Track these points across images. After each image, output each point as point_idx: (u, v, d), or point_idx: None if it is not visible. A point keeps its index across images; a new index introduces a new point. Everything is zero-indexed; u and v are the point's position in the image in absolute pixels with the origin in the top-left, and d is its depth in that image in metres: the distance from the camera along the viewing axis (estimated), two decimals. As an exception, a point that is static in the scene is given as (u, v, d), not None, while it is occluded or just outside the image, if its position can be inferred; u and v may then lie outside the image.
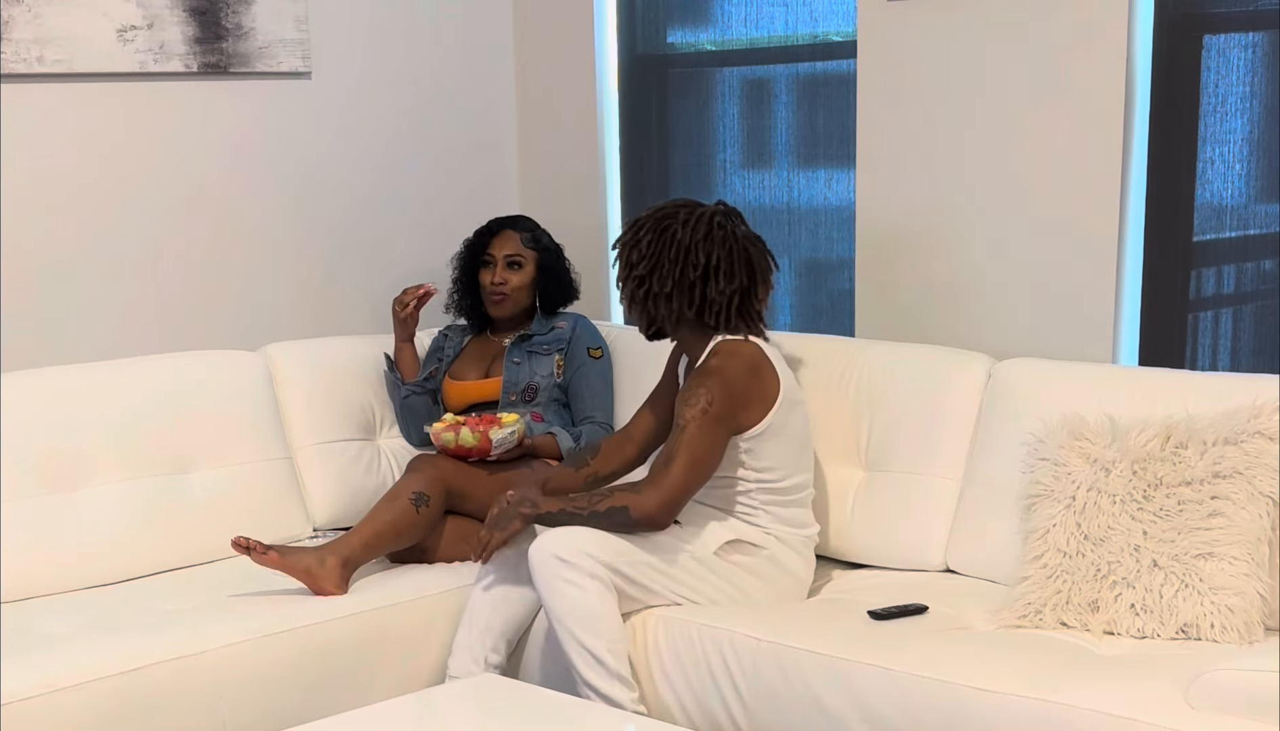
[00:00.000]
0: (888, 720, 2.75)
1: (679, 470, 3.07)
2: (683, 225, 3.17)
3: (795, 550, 3.25)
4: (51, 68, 3.61)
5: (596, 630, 3.00)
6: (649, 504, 3.05)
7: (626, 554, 3.06)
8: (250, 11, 3.91)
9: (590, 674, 2.99)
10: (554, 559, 3.00)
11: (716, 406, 3.08)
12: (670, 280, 3.16)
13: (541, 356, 3.86)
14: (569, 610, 3.00)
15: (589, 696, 3.00)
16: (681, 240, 3.16)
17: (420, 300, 3.89)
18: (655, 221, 3.21)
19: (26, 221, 3.64)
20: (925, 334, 3.63)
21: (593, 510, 3.07)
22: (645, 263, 3.18)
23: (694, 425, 3.08)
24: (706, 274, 3.16)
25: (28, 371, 3.49)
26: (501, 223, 4.00)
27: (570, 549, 3.00)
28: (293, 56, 4.01)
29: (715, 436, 3.10)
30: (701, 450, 3.08)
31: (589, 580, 3.00)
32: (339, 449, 3.82)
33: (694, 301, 3.17)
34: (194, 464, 3.60)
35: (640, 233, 3.21)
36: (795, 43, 4.02)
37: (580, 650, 2.99)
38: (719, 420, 3.10)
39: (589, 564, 3.00)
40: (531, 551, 3.04)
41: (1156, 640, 2.84)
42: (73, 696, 2.82)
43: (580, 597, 2.99)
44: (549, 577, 3.01)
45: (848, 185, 3.91)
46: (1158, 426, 2.96)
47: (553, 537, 3.03)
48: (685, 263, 3.16)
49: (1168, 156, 3.35)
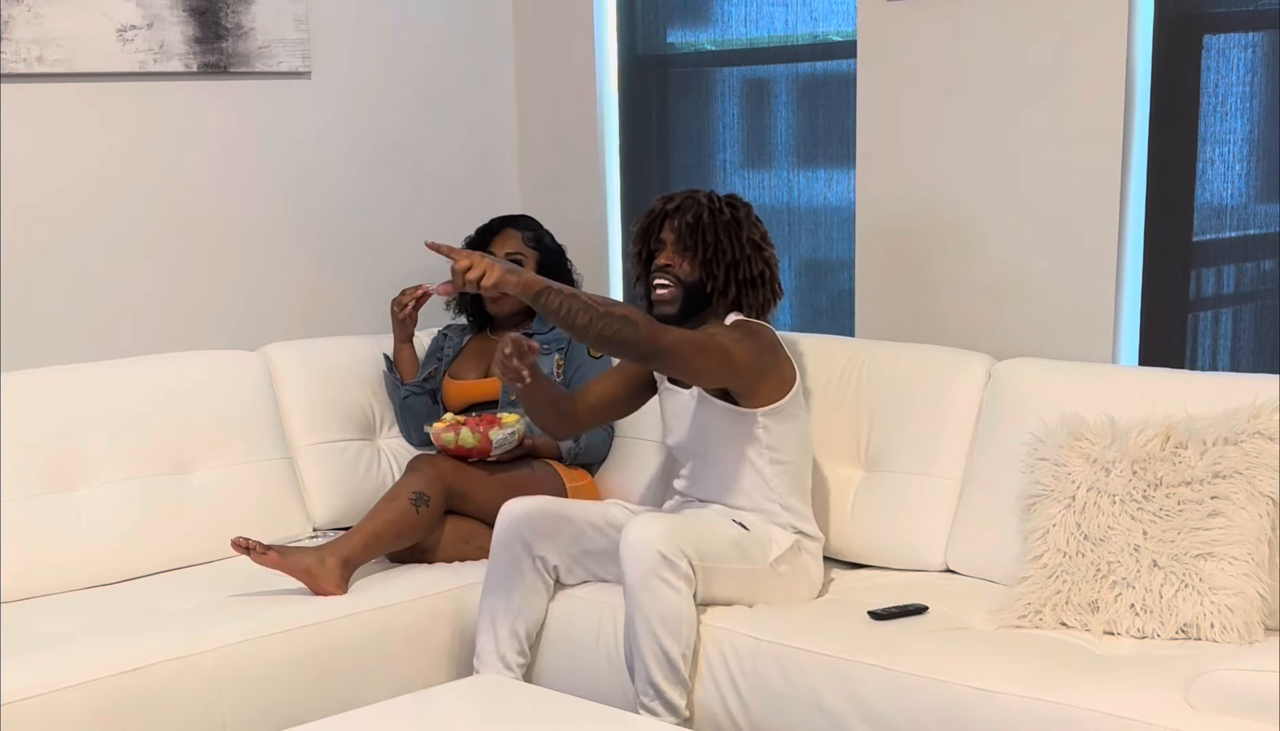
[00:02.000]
0: (888, 720, 2.75)
1: (692, 334, 3.01)
2: (744, 218, 3.23)
3: (813, 557, 3.26)
4: (51, 68, 3.61)
5: (679, 634, 2.94)
6: (660, 340, 2.91)
7: (713, 559, 3.02)
8: (250, 11, 3.91)
9: (659, 675, 2.94)
10: (657, 554, 2.91)
11: (742, 348, 3.08)
12: (752, 266, 3.20)
13: (542, 356, 3.86)
14: (661, 611, 2.92)
15: (648, 695, 2.95)
16: (751, 231, 3.21)
17: (418, 301, 3.89)
18: (721, 201, 3.22)
19: (26, 221, 3.64)
20: (925, 334, 3.63)
21: (607, 310, 2.86)
22: (744, 248, 3.19)
23: (721, 335, 3.08)
24: (770, 264, 3.24)
25: (28, 371, 3.49)
26: (503, 221, 4.00)
27: (673, 546, 2.93)
28: (293, 56, 4.01)
29: (735, 348, 3.07)
30: (717, 345, 3.04)
31: (683, 583, 2.94)
32: (339, 449, 3.82)
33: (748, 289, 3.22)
34: (194, 464, 3.61)
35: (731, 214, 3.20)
36: (795, 43, 4.02)
37: (658, 651, 2.93)
38: (747, 352, 3.09)
39: (686, 566, 2.95)
40: (629, 536, 2.95)
41: (1156, 640, 2.84)
42: (73, 696, 2.82)
43: (676, 600, 2.93)
44: (647, 573, 2.92)
45: (848, 185, 3.91)
46: (1158, 426, 2.96)
47: (654, 529, 2.94)
48: (759, 253, 3.22)
49: (1168, 156, 3.35)
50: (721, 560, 3.05)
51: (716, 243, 3.17)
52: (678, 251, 3.17)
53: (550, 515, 3.22)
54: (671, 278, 3.20)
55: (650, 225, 3.24)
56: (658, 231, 3.23)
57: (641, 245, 3.27)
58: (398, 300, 3.90)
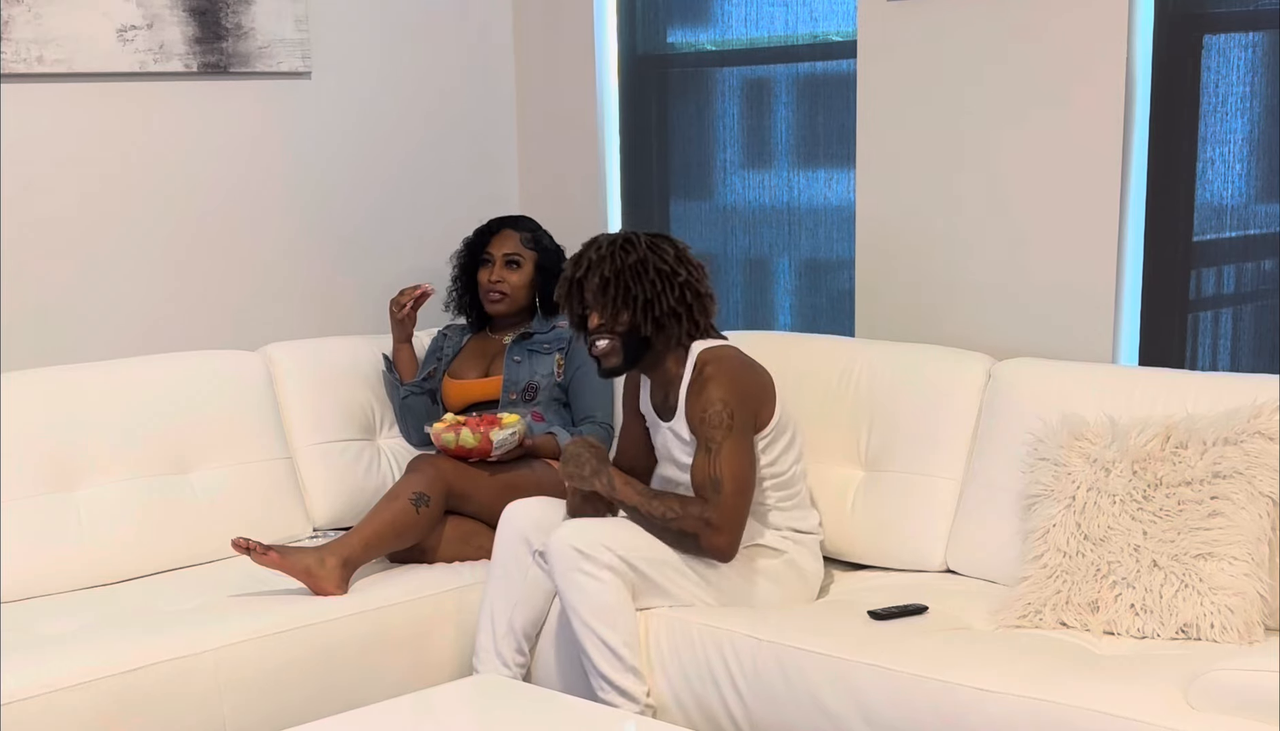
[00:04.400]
0: (888, 720, 2.75)
1: (731, 497, 3.05)
2: (648, 248, 3.14)
3: (809, 551, 3.26)
4: (51, 68, 3.61)
5: (612, 623, 3.00)
6: (719, 542, 3.05)
7: (643, 550, 3.07)
8: (250, 11, 3.91)
9: (605, 666, 3.00)
10: (572, 550, 3.00)
11: (739, 415, 3.08)
12: (667, 298, 3.13)
13: (542, 355, 3.86)
14: (585, 602, 3.00)
15: (602, 688, 3.00)
16: (658, 260, 3.14)
17: (417, 301, 3.89)
18: (617, 247, 3.15)
19: (26, 221, 3.64)
20: (925, 334, 3.63)
21: (665, 526, 3.07)
22: (654, 283, 3.13)
23: (727, 443, 3.06)
24: (689, 284, 3.15)
25: (28, 371, 3.49)
26: (502, 222, 4.00)
27: (588, 541, 3.01)
28: (293, 56, 4.01)
29: (748, 444, 3.10)
30: (743, 464, 3.08)
31: (605, 572, 3.00)
32: (339, 449, 3.82)
33: (672, 320, 3.15)
34: (194, 464, 3.61)
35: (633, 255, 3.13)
36: (795, 43, 4.02)
37: (596, 642, 3.00)
38: (745, 427, 3.10)
39: (606, 556, 3.00)
40: (550, 542, 3.04)
41: (1156, 640, 2.84)
42: (73, 696, 2.82)
43: (597, 589, 2.99)
44: (566, 569, 3.01)
45: (848, 185, 3.91)
46: (1158, 426, 2.96)
47: (572, 529, 3.04)
48: (672, 280, 3.14)
49: (1168, 156, 3.35)
50: (666, 549, 3.08)
51: (626, 292, 3.12)
52: (600, 312, 3.17)
53: (553, 516, 3.22)
54: (606, 334, 3.18)
55: (569, 293, 3.22)
56: (579, 296, 3.21)
57: (570, 313, 3.26)
58: (396, 300, 3.90)
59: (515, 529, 3.22)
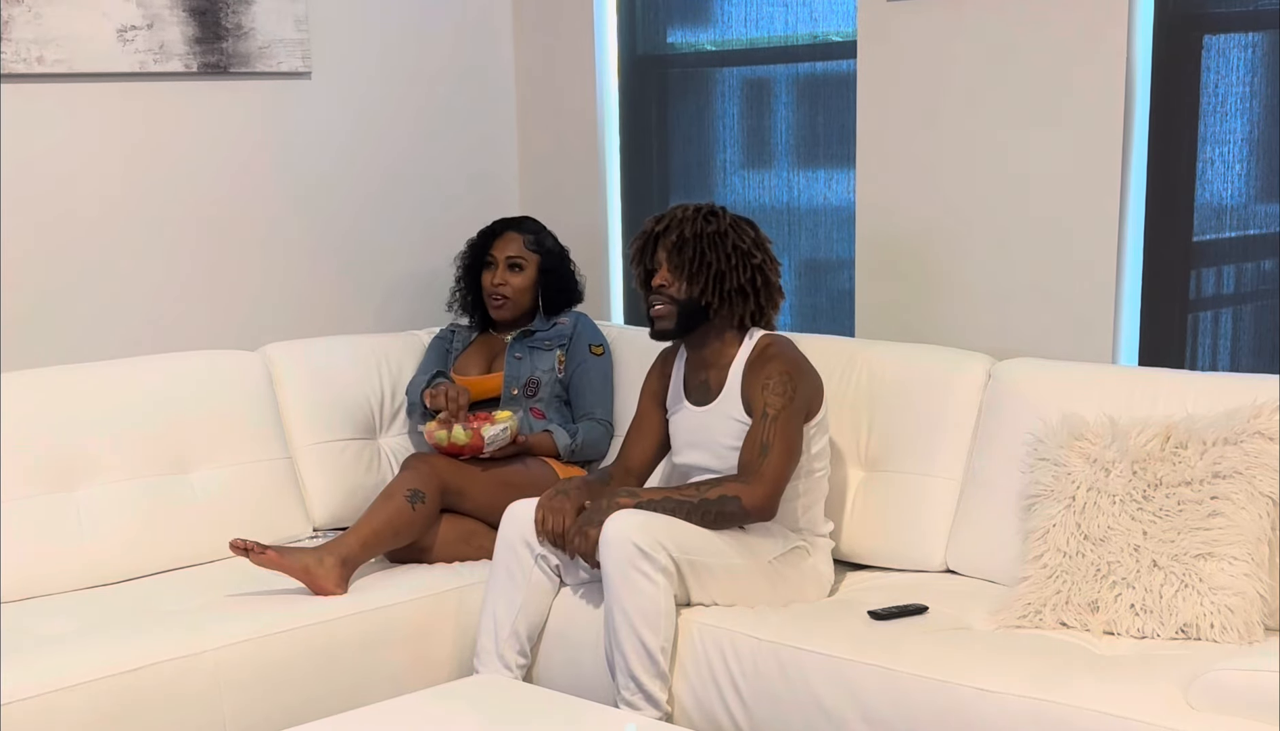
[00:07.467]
0: (888, 720, 2.75)
1: (778, 459, 3.08)
2: (731, 226, 3.21)
3: (824, 553, 3.27)
4: (51, 68, 3.61)
5: (657, 627, 2.98)
6: (759, 495, 3.07)
7: (695, 553, 3.05)
8: (250, 11, 3.91)
9: (639, 668, 2.97)
10: (633, 547, 2.96)
11: (800, 393, 3.13)
12: (738, 275, 3.18)
13: (543, 352, 3.87)
14: (638, 604, 2.97)
15: (629, 687, 2.98)
16: (738, 237, 3.20)
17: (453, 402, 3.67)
18: (701, 214, 3.21)
19: (26, 221, 3.64)
20: (925, 334, 3.63)
21: (702, 497, 3.07)
22: (729, 258, 3.18)
23: (785, 412, 3.11)
24: (762, 269, 3.22)
25: (28, 371, 3.49)
26: (506, 224, 4.00)
27: (649, 539, 2.97)
28: (293, 56, 4.01)
29: (799, 425, 3.14)
30: (794, 435, 3.12)
31: (660, 576, 2.98)
32: (339, 448, 3.82)
33: (737, 298, 3.20)
34: (194, 464, 3.60)
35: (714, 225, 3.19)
36: (795, 43, 4.02)
37: (636, 644, 2.97)
38: (800, 409, 3.14)
39: (664, 558, 2.98)
40: (608, 530, 3.00)
41: (1156, 640, 2.84)
42: (73, 696, 2.82)
43: (652, 593, 2.97)
44: (624, 565, 2.97)
45: (848, 185, 3.91)
46: (1157, 426, 2.96)
47: (631, 524, 3.00)
48: (748, 260, 3.20)
49: (1168, 156, 3.35)
50: (710, 554, 3.07)
51: (701, 258, 3.18)
52: (670, 271, 3.21)
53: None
54: (666, 297, 3.22)
55: (644, 246, 3.26)
56: (652, 252, 3.25)
57: (639, 266, 3.29)
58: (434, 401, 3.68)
59: (517, 530, 3.22)
